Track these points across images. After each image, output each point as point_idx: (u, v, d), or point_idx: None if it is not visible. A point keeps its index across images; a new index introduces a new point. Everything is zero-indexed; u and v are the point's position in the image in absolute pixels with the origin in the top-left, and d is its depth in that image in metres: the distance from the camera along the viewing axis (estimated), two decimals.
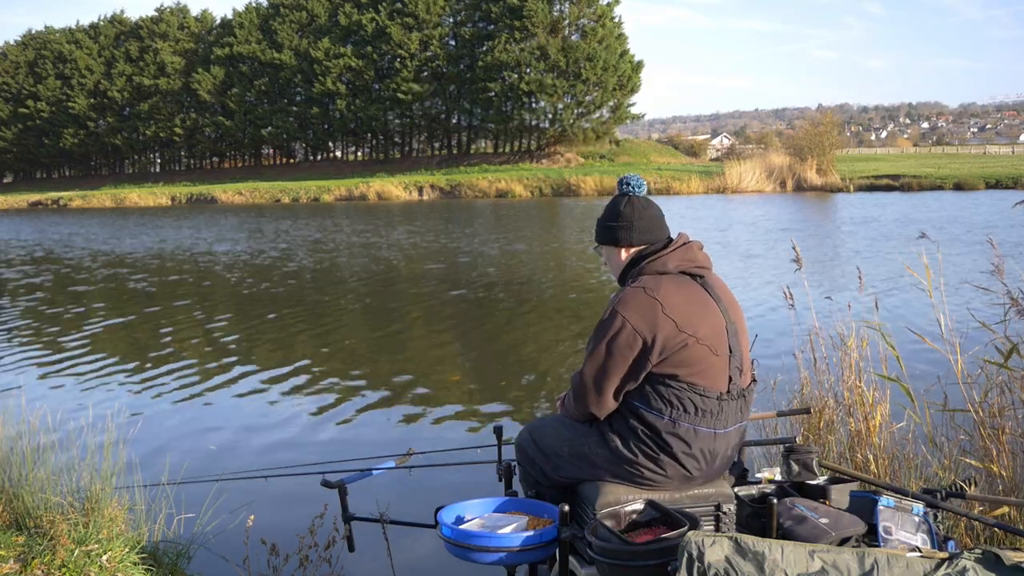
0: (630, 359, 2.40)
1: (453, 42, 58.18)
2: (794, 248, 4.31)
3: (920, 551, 2.08)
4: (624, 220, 2.61)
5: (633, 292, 2.43)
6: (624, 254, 2.63)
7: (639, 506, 2.42)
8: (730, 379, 2.45)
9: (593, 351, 2.46)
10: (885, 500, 2.46)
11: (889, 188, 35.30)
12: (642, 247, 2.59)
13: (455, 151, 60.62)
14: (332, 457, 5.06)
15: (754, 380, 2.61)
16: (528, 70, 53.46)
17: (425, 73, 57.55)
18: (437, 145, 62.59)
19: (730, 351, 2.46)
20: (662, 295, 2.39)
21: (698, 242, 2.60)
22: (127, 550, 3.20)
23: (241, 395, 6.95)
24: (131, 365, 8.08)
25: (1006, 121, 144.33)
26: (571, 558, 2.47)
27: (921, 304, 9.18)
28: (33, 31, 75.72)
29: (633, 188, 2.64)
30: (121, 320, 10.92)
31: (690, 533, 2.08)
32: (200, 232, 26.65)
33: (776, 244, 16.62)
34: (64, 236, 27.22)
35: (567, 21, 54.12)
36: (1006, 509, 3.04)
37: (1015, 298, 3.47)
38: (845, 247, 15.58)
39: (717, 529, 2.47)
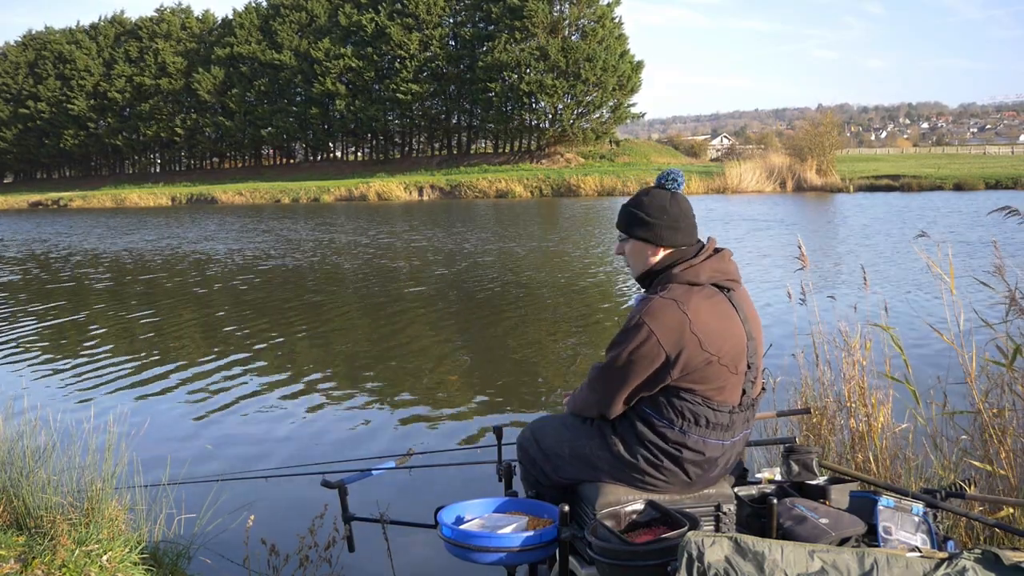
0: (649, 371, 2.35)
1: (453, 42, 58.22)
2: (799, 247, 4.30)
3: (920, 551, 2.08)
4: (668, 218, 2.45)
5: (663, 304, 2.34)
6: (659, 254, 2.49)
7: (639, 506, 2.42)
8: (743, 392, 2.43)
9: (616, 355, 2.40)
10: (885, 500, 2.46)
11: (889, 188, 35.30)
12: (673, 248, 2.48)
13: (455, 151, 60.64)
14: (332, 457, 5.07)
15: (763, 388, 2.60)
16: (528, 70, 53.48)
17: (425, 73, 57.59)
18: (437, 145, 62.62)
19: (748, 366, 2.43)
20: (692, 310, 2.32)
21: (728, 250, 2.51)
22: (127, 550, 3.20)
23: (241, 395, 6.95)
24: (132, 365, 8.08)
25: (1006, 121, 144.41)
26: (571, 558, 2.47)
27: (919, 305, 9.18)
28: (33, 31, 75.84)
29: (678, 184, 2.50)
30: (121, 320, 10.92)
31: (690, 533, 2.08)
32: (200, 232, 26.66)
33: (744, 241, 16.64)
34: (61, 235, 27.23)
35: (567, 21, 54.15)
36: (1007, 510, 3.04)
37: (1014, 295, 3.46)
38: (834, 245, 15.60)
39: (717, 529, 2.47)
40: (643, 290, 2.54)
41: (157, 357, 8.42)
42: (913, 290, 10.28)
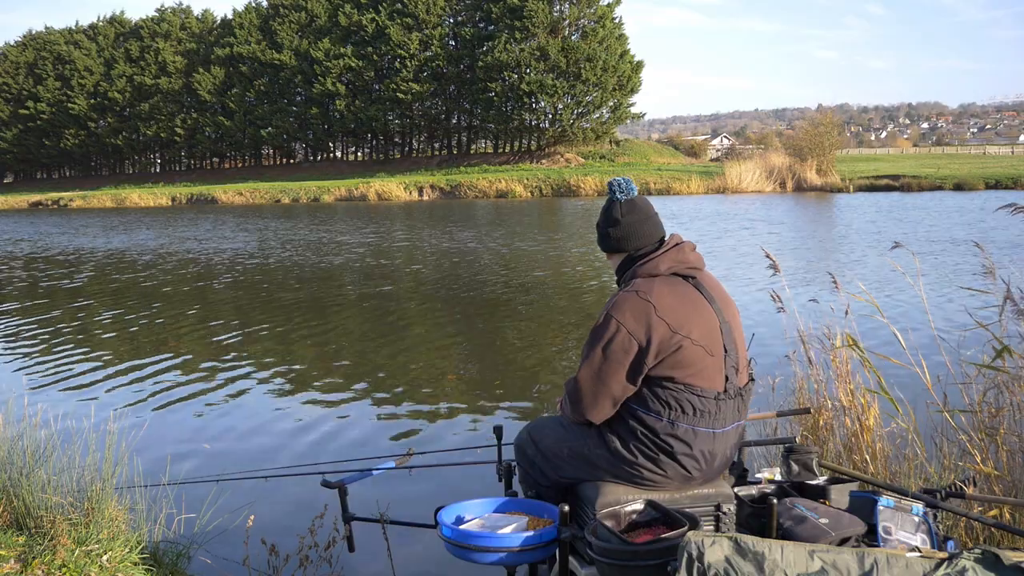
0: (626, 363, 2.40)
1: (453, 42, 58.20)
2: (768, 256, 4.32)
3: (920, 551, 2.08)
4: (610, 226, 2.62)
5: (626, 296, 2.44)
6: (616, 258, 2.66)
7: (639, 506, 2.42)
8: (727, 378, 2.45)
9: (589, 356, 2.45)
10: (885, 500, 2.46)
11: (889, 188, 35.29)
12: (629, 252, 2.60)
13: (455, 151, 60.63)
14: (332, 457, 5.08)
15: (751, 379, 2.61)
16: (528, 70, 53.46)
17: (425, 73, 57.57)
18: (437, 145, 62.61)
19: (725, 350, 2.46)
20: (655, 297, 2.40)
21: (690, 243, 2.60)
22: (127, 550, 3.20)
23: (241, 395, 6.95)
24: (132, 365, 8.08)
25: (1006, 121, 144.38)
26: (571, 558, 2.47)
27: (916, 305, 9.18)
28: (33, 32, 75.80)
29: (618, 192, 2.62)
30: (121, 320, 10.92)
31: (690, 533, 2.08)
32: (199, 232, 26.66)
33: (735, 241, 16.64)
34: (60, 235, 27.22)
35: (567, 22, 54.13)
36: (1007, 510, 3.04)
37: (1009, 296, 3.47)
38: (831, 245, 15.61)
39: (717, 529, 2.47)
40: None
41: (157, 357, 8.41)
42: (911, 292, 10.28)
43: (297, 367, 7.88)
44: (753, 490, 2.69)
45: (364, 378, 7.41)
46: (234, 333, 9.70)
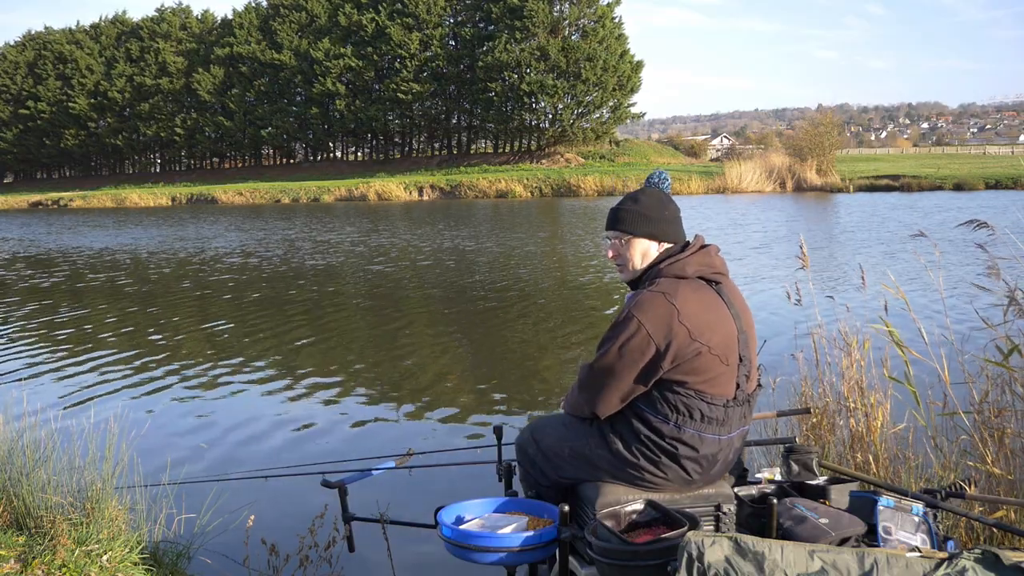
0: (641, 364, 2.37)
1: (453, 42, 58.22)
2: (801, 246, 4.31)
3: (920, 551, 2.08)
4: (669, 214, 2.55)
5: (651, 296, 2.39)
6: (658, 249, 2.55)
7: (639, 506, 2.42)
8: (737, 386, 2.44)
9: (606, 351, 2.42)
10: (885, 500, 2.45)
11: (889, 188, 35.28)
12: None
13: (455, 151, 60.64)
14: (332, 457, 5.07)
15: (759, 385, 2.61)
16: (528, 70, 53.48)
17: (425, 73, 57.59)
18: (437, 145, 62.62)
19: (740, 359, 2.44)
20: (680, 301, 2.36)
21: (715, 246, 2.56)
22: (127, 550, 3.20)
23: (241, 395, 6.95)
24: (132, 365, 8.07)
25: (1006, 121, 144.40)
26: (571, 558, 2.47)
27: (917, 305, 9.18)
28: (33, 32, 75.81)
29: (668, 183, 2.62)
30: (121, 320, 10.92)
31: (690, 533, 2.08)
32: (200, 232, 26.66)
33: (737, 240, 16.64)
34: (59, 235, 27.22)
35: (567, 21, 54.14)
36: (1005, 511, 3.04)
37: (1014, 295, 3.47)
38: (831, 245, 15.60)
39: (717, 529, 2.47)
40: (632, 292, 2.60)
41: (157, 357, 8.41)
42: (907, 290, 10.27)
43: (297, 367, 7.88)
44: (753, 490, 2.69)
45: (364, 378, 7.41)
46: (234, 333, 9.70)
